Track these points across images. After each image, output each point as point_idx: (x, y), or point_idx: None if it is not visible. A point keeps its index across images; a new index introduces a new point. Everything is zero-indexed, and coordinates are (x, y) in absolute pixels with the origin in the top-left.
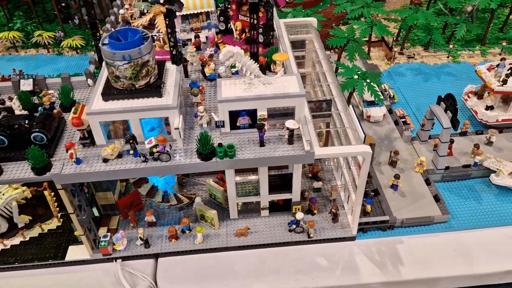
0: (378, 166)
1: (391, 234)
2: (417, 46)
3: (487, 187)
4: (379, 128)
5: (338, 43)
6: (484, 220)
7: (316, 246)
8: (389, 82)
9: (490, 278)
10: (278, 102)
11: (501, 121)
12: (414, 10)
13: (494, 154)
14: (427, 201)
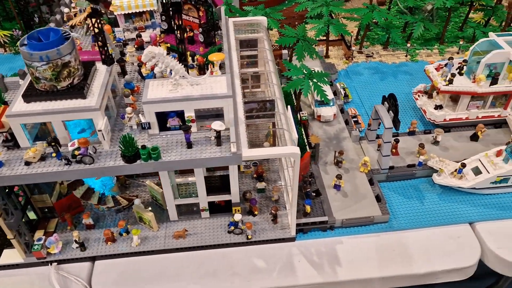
0: (324, 166)
1: (331, 235)
2: (376, 45)
3: (431, 187)
4: (329, 127)
5: (287, 42)
6: (426, 220)
7: (255, 248)
8: (346, 81)
9: (428, 277)
10: (205, 103)
11: (449, 120)
12: (370, 9)
13: (440, 153)
14: (368, 201)
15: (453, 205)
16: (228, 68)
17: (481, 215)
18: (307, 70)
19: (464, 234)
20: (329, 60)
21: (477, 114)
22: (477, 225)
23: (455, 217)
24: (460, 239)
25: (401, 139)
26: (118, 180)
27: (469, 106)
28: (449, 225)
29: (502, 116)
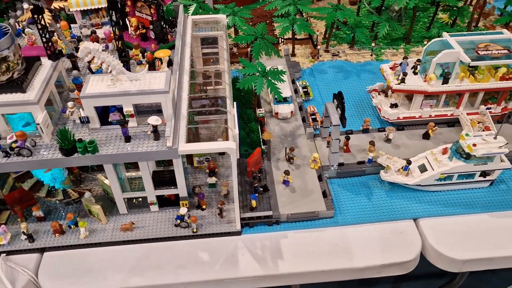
0: (276, 162)
1: (277, 229)
2: (343, 44)
3: (380, 183)
4: (286, 124)
5: (245, 40)
6: (371, 216)
7: (201, 241)
8: (310, 80)
9: (368, 272)
10: (142, 99)
11: (402, 119)
12: (334, 8)
13: (392, 151)
14: (315, 197)
15: (399, 202)
16: (176, 65)
17: (426, 211)
18: (262, 68)
19: (407, 229)
20: (295, 59)
21: (430, 112)
22: (421, 221)
23: (400, 213)
24: (402, 235)
25: (354, 136)
26: (72, 174)
27: (422, 105)
28: (394, 221)
29: (454, 115)
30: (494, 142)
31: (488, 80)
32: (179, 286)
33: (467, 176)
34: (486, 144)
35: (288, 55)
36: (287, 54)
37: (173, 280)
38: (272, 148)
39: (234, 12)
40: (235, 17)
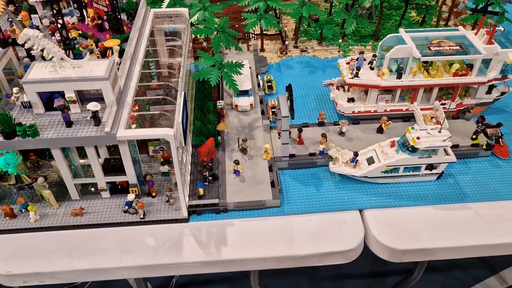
0: (230, 153)
1: (224, 217)
2: (313, 40)
3: (330, 175)
4: (245, 117)
5: (205, 33)
6: (318, 206)
7: (148, 227)
8: (276, 74)
9: (309, 260)
10: (83, 85)
11: (358, 113)
12: (300, 4)
13: (345, 144)
14: (263, 186)
15: (346, 193)
16: (128, 55)
17: (372, 203)
18: (219, 60)
19: (351, 220)
20: (264, 54)
21: (385, 107)
22: (366, 212)
23: (347, 204)
24: (345, 225)
25: (310, 129)
26: (29, 161)
27: (378, 100)
28: (339, 212)
29: (410, 110)
30: (438, 135)
31: (442, 76)
32: (122, 270)
33: (413, 169)
34: (430, 138)
35: (257, 50)
36: (256, 49)
37: (116, 264)
38: (228, 139)
39: (204, 7)
40: (205, 12)
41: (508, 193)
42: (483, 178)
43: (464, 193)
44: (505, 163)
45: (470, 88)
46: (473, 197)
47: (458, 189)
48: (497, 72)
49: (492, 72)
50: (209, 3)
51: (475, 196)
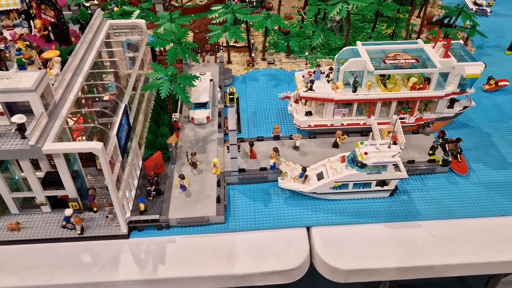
0: (180, 167)
1: (167, 234)
2: (281, 53)
3: (281, 190)
4: (201, 130)
5: (161, 45)
6: (265, 223)
7: (87, 244)
8: (241, 87)
9: (249, 279)
10: (9, 97)
11: (314, 127)
12: (265, 16)
13: (298, 158)
14: (208, 202)
15: (295, 209)
16: (69, 66)
17: (320, 220)
18: (172, 72)
19: (297, 238)
20: (231, 66)
21: (342, 121)
22: (313, 230)
23: (294, 221)
24: (290, 242)
25: (265, 143)
26: None
27: (334, 113)
28: (286, 229)
29: (367, 124)
30: (387, 151)
31: (399, 89)
32: None
33: (364, 185)
34: (379, 153)
35: (223, 62)
36: (222, 61)
37: (48, 282)
38: (181, 153)
39: (171, 19)
40: (172, 23)
41: (461, 211)
42: (438, 195)
43: (417, 211)
44: (463, 180)
45: (431, 102)
46: (426, 215)
47: (411, 207)
48: (455, 86)
49: (450, 86)
50: (177, 15)
51: (427, 214)
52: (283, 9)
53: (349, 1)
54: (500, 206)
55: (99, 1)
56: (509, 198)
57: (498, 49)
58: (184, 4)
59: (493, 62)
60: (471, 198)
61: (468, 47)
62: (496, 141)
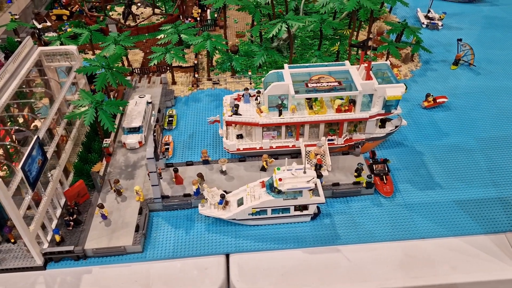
0: (105, 194)
1: (84, 264)
2: (227, 72)
3: (204, 217)
4: (133, 155)
5: (89, 71)
6: (184, 250)
7: (2, 276)
8: (183, 108)
9: None
10: None
11: (243, 150)
12: (205, 38)
13: (225, 183)
14: (127, 231)
15: (215, 236)
16: None
17: (240, 246)
18: (100, 99)
19: (214, 265)
20: (176, 87)
21: (271, 144)
22: (232, 257)
23: (214, 248)
24: (206, 271)
25: (194, 168)
26: None
27: (264, 136)
28: (205, 256)
29: (296, 146)
30: (302, 176)
31: (325, 111)
32: None
33: (283, 211)
34: (294, 179)
35: (167, 83)
36: (166, 82)
37: None
38: (110, 179)
39: (116, 41)
40: (116, 45)
41: (381, 234)
42: (360, 219)
43: (337, 235)
44: (387, 201)
45: (361, 123)
46: (346, 239)
47: (332, 231)
48: (379, 108)
49: (375, 108)
50: (122, 37)
51: (347, 238)
52: (237, 26)
53: (288, 21)
54: (421, 229)
55: (53, 24)
56: (431, 220)
57: (444, 63)
58: (138, 24)
59: (437, 77)
60: (393, 220)
61: (414, 62)
62: (427, 160)
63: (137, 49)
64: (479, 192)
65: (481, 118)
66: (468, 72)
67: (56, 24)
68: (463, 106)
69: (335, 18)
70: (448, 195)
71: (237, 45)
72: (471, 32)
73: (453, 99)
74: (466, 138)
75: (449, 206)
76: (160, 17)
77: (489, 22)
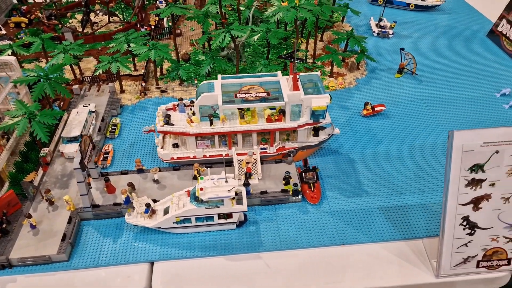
0: (37, 204)
1: (10, 273)
2: (175, 81)
3: (133, 225)
4: (71, 164)
5: (26, 81)
6: (110, 259)
7: None
8: (129, 117)
9: None
10: None
11: (177, 159)
12: (150, 47)
13: (157, 191)
14: (54, 240)
15: (142, 244)
16: None
17: (165, 254)
18: (35, 109)
19: (137, 273)
20: (124, 95)
21: (204, 153)
22: (156, 264)
23: (139, 256)
24: (129, 279)
25: (129, 176)
26: None
27: (198, 145)
28: (130, 264)
29: (229, 155)
30: (224, 186)
31: (256, 121)
32: None
33: (207, 219)
34: (215, 188)
35: (114, 92)
36: (113, 91)
37: None
38: (43, 189)
39: (65, 50)
40: (65, 54)
41: (304, 241)
42: (285, 225)
43: (260, 242)
44: (314, 209)
45: (294, 132)
46: (268, 246)
47: (256, 238)
48: (307, 117)
49: (304, 117)
50: (72, 45)
51: (270, 245)
52: (193, 34)
53: (232, 31)
54: (343, 235)
55: (9, 31)
56: (354, 226)
57: (389, 72)
58: (94, 32)
59: (381, 86)
60: (317, 227)
61: (360, 71)
62: (358, 167)
63: (91, 57)
64: (404, 199)
65: (416, 126)
66: (411, 81)
67: (13, 32)
68: (401, 114)
69: (286, 28)
70: (373, 202)
71: (188, 54)
72: (420, 41)
73: (392, 107)
74: (399, 146)
75: (373, 213)
76: (119, 25)
77: (439, 31)
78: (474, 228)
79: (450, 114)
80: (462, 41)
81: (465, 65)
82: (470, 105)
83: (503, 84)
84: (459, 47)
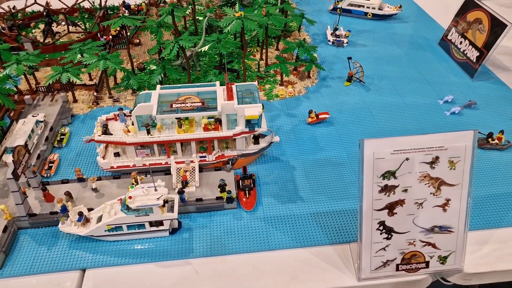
0: None
1: None
2: (128, 90)
3: (68, 234)
4: None
5: None
6: (42, 267)
7: None
8: (79, 126)
9: None
10: None
11: (117, 168)
12: (100, 58)
13: (95, 200)
14: None
15: (75, 252)
16: None
17: (97, 261)
18: None
19: (67, 280)
20: (76, 105)
21: (144, 161)
22: (87, 272)
23: (71, 263)
24: (59, 286)
25: (69, 185)
26: None
27: (138, 154)
28: (61, 272)
29: (169, 163)
30: (153, 193)
31: (193, 130)
32: None
33: (138, 227)
34: (145, 196)
35: (66, 101)
36: (65, 101)
37: None
38: None
39: (18, 61)
40: (18, 65)
41: (234, 247)
42: (218, 232)
43: (191, 248)
44: (248, 215)
45: (233, 140)
46: (199, 252)
47: (188, 244)
48: (243, 126)
49: (240, 126)
50: (27, 56)
51: (201, 251)
52: (152, 44)
53: (180, 42)
54: (273, 241)
55: None
56: (284, 232)
57: (340, 80)
58: (54, 42)
59: (330, 94)
60: (248, 233)
61: (311, 79)
62: (297, 174)
63: (49, 67)
64: (337, 204)
65: (358, 132)
66: (359, 89)
67: None
68: (344, 121)
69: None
70: (307, 208)
71: (143, 63)
72: (373, 49)
73: (338, 114)
74: (339, 152)
75: (305, 219)
76: (81, 35)
77: (394, 39)
78: (391, 233)
79: (393, 120)
80: (414, 49)
81: (414, 72)
82: (413, 111)
83: (448, 92)
84: (410, 55)
